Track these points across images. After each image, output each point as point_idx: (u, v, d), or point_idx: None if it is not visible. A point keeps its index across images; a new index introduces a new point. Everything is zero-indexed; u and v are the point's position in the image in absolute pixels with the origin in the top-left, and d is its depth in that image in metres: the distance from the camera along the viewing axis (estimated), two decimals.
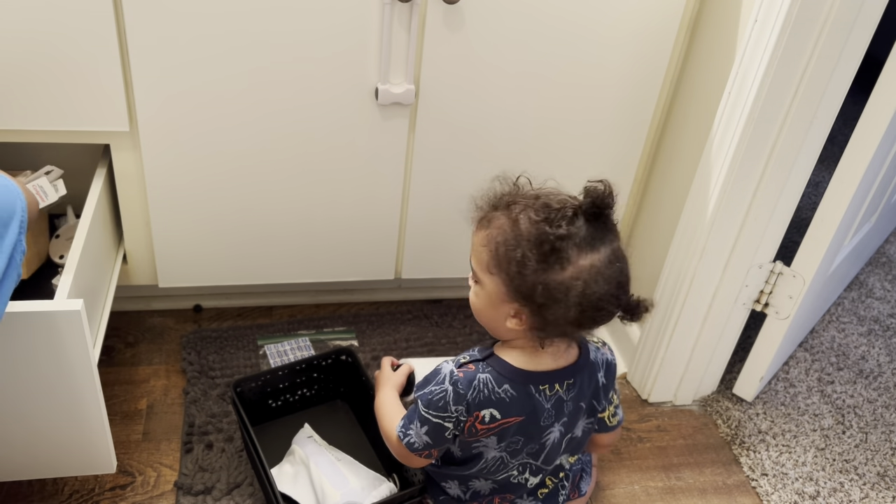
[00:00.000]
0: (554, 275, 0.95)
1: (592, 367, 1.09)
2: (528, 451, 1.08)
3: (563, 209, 0.96)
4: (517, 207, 0.98)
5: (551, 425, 1.07)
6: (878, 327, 1.84)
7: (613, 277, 0.97)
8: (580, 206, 0.97)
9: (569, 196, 0.99)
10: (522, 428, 1.05)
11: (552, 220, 0.95)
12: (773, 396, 1.60)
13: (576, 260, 0.95)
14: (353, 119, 1.30)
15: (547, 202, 0.97)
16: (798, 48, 1.15)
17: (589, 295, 0.95)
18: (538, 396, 1.04)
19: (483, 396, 1.02)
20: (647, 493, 1.37)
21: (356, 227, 1.44)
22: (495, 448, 1.07)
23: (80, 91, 1.17)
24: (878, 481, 1.45)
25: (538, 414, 1.05)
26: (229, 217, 1.37)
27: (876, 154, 1.31)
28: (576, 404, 1.08)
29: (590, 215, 0.96)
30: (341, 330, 1.58)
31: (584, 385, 1.08)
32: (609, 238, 0.98)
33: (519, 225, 0.96)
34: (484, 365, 1.04)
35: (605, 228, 0.98)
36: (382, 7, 1.19)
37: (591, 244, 0.96)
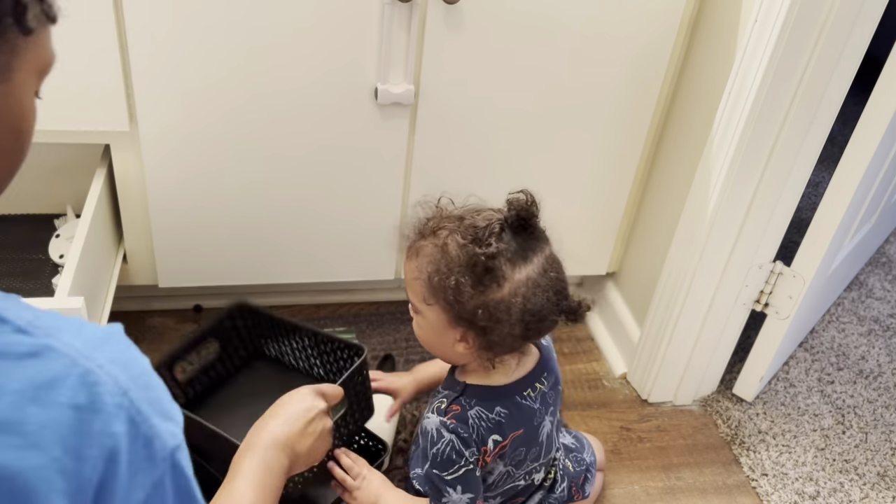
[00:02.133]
0: (492, 294, 0.93)
1: (549, 351, 1.11)
2: (531, 457, 1.09)
3: (490, 226, 0.94)
4: (443, 232, 0.96)
5: (543, 421, 1.08)
6: (878, 327, 1.84)
7: (550, 286, 0.96)
8: (505, 219, 0.95)
9: (492, 210, 0.98)
10: (523, 437, 1.05)
11: (480, 240, 0.93)
12: (773, 396, 1.60)
13: (511, 275, 0.93)
14: (353, 119, 1.30)
15: (472, 222, 0.95)
16: (798, 48, 1.15)
17: (530, 308, 0.94)
18: (526, 402, 1.04)
19: (484, 429, 1.01)
20: (647, 493, 1.36)
21: (356, 226, 1.44)
22: (501, 468, 1.07)
23: (80, 91, 1.17)
24: (878, 481, 1.45)
25: (531, 418, 1.05)
26: (229, 217, 1.37)
27: (876, 154, 1.31)
28: (554, 388, 1.10)
29: (516, 227, 0.95)
30: (341, 330, 1.58)
31: (553, 370, 1.10)
32: (539, 246, 0.97)
33: (448, 250, 0.94)
34: (466, 399, 1.02)
35: (534, 237, 0.97)
36: (382, 7, 1.19)
37: (523, 256, 0.94)
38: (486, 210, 0.98)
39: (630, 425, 1.49)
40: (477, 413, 1.01)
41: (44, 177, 1.43)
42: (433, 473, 1.00)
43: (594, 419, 1.49)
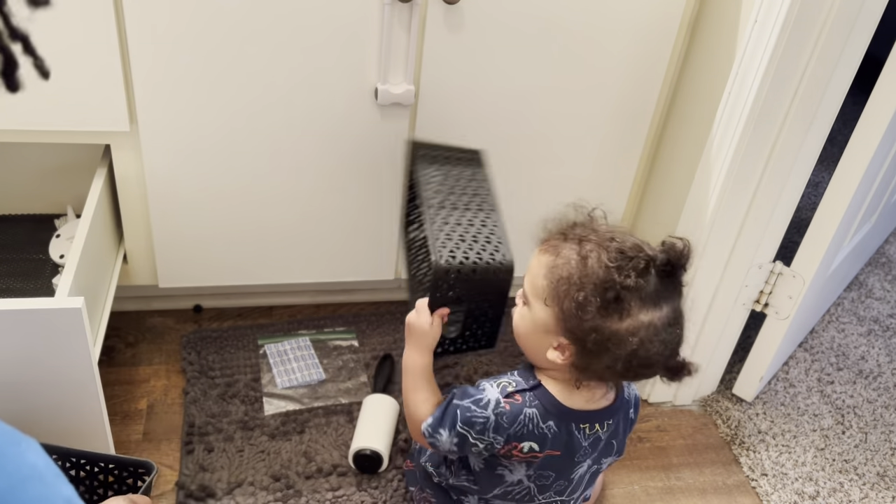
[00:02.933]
0: (611, 323, 0.91)
1: (626, 406, 1.08)
2: (557, 488, 1.07)
3: (637, 259, 0.91)
4: (589, 245, 0.94)
5: (583, 462, 1.05)
6: (877, 327, 1.85)
7: (669, 340, 0.94)
8: (654, 258, 0.92)
9: (642, 243, 0.95)
10: (556, 463, 1.03)
11: (622, 269, 0.91)
12: (773, 396, 1.60)
13: (636, 314, 0.91)
14: (353, 119, 1.30)
15: (621, 247, 0.92)
16: (798, 48, 1.15)
17: (641, 353, 0.92)
18: (577, 434, 1.02)
19: (527, 430, 0.99)
20: (647, 493, 1.37)
21: (356, 226, 1.44)
22: (521, 474, 1.04)
23: (80, 91, 1.17)
24: (878, 481, 1.45)
25: (574, 451, 1.03)
26: (229, 217, 1.37)
27: (876, 154, 1.31)
28: (608, 441, 1.06)
29: (662, 272, 0.92)
30: (341, 330, 1.58)
31: (619, 424, 1.07)
32: (674, 297, 0.94)
33: (587, 264, 0.92)
34: (531, 397, 1.00)
35: (673, 287, 0.94)
36: (382, 7, 1.19)
37: (655, 301, 0.92)
38: (636, 240, 0.94)
39: None
40: (531, 415, 0.99)
41: (44, 177, 1.43)
42: (458, 413, 1.00)
43: None
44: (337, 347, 1.54)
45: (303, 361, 1.49)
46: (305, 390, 1.45)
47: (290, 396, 1.43)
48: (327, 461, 1.32)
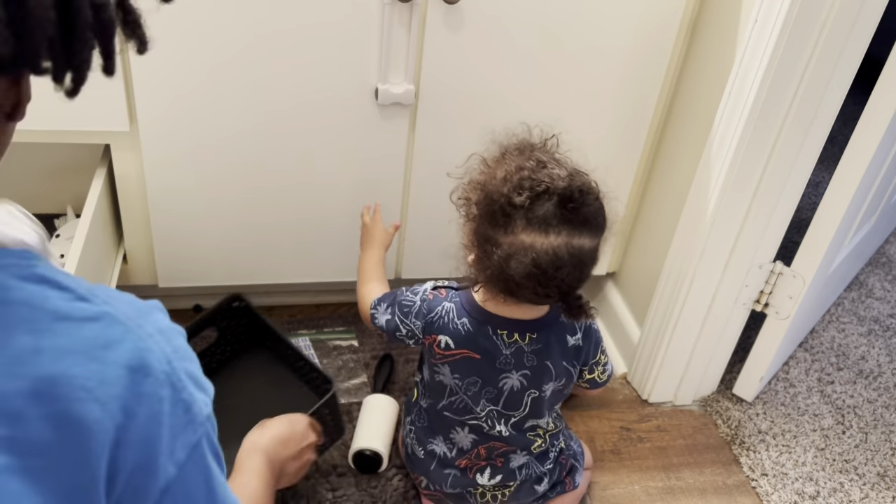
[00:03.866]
0: (496, 234, 0.96)
1: (561, 328, 1.10)
2: (487, 395, 1.10)
3: (538, 183, 0.94)
4: (510, 157, 0.98)
5: (509, 371, 1.08)
6: (878, 327, 1.84)
7: (544, 269, 0.94)
8: (555, 188, 0.94)
9: (570, 174, 0.97)
10: (479, 368, 1.08)
11: (520, 187, 0.94)
12: (773, 396, 1.60)
13: (518, 232, 0.94)
14: (353, 119, 1.30)
15: (534, 169, 0.95)
16: (798, 48, 1.15)
17: (510, 271, 0.95)
18: (496, 339, 1.06)
19: (442, 323, 1.08)
20: (647, 493, 1.37)
21: (356, 227, 1.44)
22: (451, 378, 1.10)
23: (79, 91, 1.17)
24: (878, 481, 1.45)
25: (495, 356, 1.07)
26: (229, 217, 1.37)
27: (876, 154, 1.31)
28: (540, 361, 1.09)
29: (559, 202, 0.94)
30: (341, 330, 1.58)
31: (550, 344, 1.09)
32: (573, 231, 0.95)
33: (496, 175, 0.97)
34: (454, 294, 1.09)
35: (575, 221, 0.95)
36: (382, 7, 1.19)
37: (543, 226, 0.94)
38: (564, 172, 0.96)
39: (630, 425, 1.49)
40: (448, 308, 1.09)
41: (44, 177, 1.43)
42: (397, 294, 1.14)
43: (594, 419, 1.49)
44: (337, 347, 1.54)
45: None
46: None
47: None
48: (327, 461, 1.32)
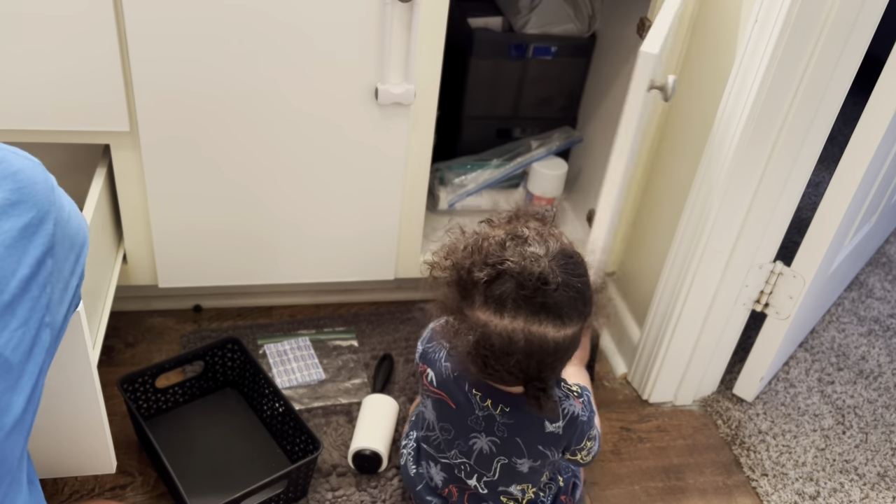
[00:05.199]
0: (459, 304, 0.94)
1: (540, 419, 1.03)
2: (459, 447, 1.08)
3: (500, 261, 0.90)
4: (493, 232, 0.95)
5: (479, 433, 1.05)
6: (878, 327, 1.84)
7: (497, 345, 0.91)
8: (511, 270, 0.90)
9: (548, 254, 0.92)
10: (453, 417, 1.06)
11: (483, 264, 0.91)
12: (774, 397, 1.60)
13: (475, 309, 0.92)
14: (353, 119, 1.30)
15: (501, 248, 0.91)
16: (798, 48, 1.15)
17: (469, 343, 0.93)
18: (469, 396, 1.04)
19: (433, 357, 1.07)
20: (647, 494, 1.36)
21: (356, 226, 1.44)
22: (431, 414, 1.09)
23: (80, 91, 1.17)
24: (879, 482, 1.45)
25: (466, 412, 1.04)
26: (229, 217, 1.37)
27: (876, 154, 1.31)
28: (510, 436, 1.04)
29: (517, 284, 0.90)
30: (341, 330, 1.58)
31: (523, 423, 1.03)
32: (530, 318, 0.89)
33: (467, 245, 0.95)
34: None
35: (535, 307, 0.89)
36: (382, 7, 1.19)
37: (498, 308, 0.90)
38: (542, 251, 0.91)
39: (630, 425, 1.49)
40: (438, 349, 1.08)
41: None
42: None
43: None
44: (337, 347, 1.54)
45: (302, 361, 1.49)
46: (305, 390, 1.45)
47: (290, 396, 1.43)
48: (326, 461, 1.32)
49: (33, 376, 0.74)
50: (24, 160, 0.77)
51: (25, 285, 0.73)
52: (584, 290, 0.93)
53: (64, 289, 0.80)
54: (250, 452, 1.31)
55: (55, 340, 0.80)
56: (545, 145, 1.69)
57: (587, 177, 1.72)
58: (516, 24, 1.63)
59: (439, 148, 1.52)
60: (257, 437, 1.34)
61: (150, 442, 1.21)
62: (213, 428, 1.35)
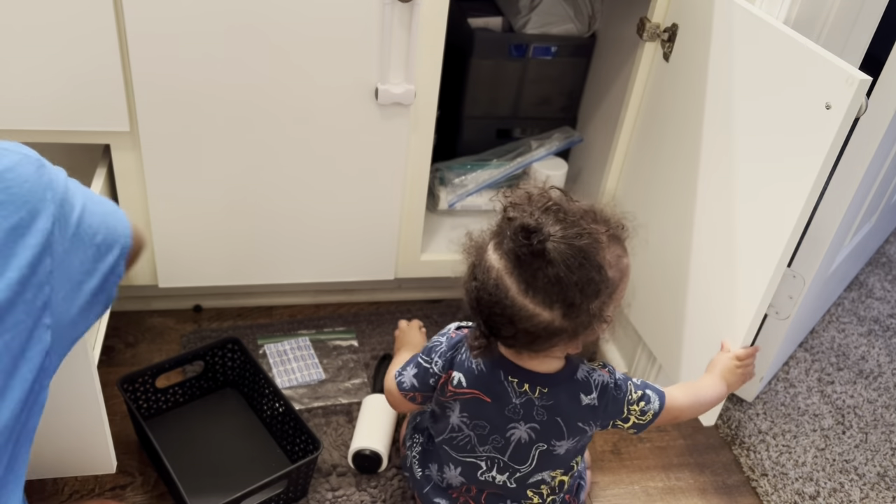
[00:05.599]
0: (482, 241, 0.98)
1: (576, 386, 1.05)
2: (494, 444, 1.08)
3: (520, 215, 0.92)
4: (554, 198, 0.96)
5: (517, 421, 1.06)
6: (878, 327, 1.84)
7: (478, 277, 0.95)
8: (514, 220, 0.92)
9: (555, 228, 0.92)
10: (488, 412, 1.06)
11: (522, 209, 0.94)
12: (773, 397, 1.60)
13: (487, 240, 0.96)
14: (353, 119, 1.30)
15: (542, 212, 0.93)
16: None
17: (468, 271, 0.97)
18: (506, 385, 1.04)
19: (459, 360, 1.07)
20: (647, 494, 1.37)
21: (356, 226, 1.44)
22: (458, 417, 1.08)
23: (80, 91, 1.17)
24: (878, 482, 1.45)
25: (503, 403, 1.05)
26: (229, 217, 1.37)
27: (876, 154, 1.31)
28: (550, 417, 1.05)
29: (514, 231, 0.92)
30: (341, 330, 1.58)
31: (561, 401, 1.05)
32: (509, 267, 0.92)
33: (531, 197, 0.96)
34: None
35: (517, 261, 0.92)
36: (382, 7, 1.19)
37: (498, 247, 0.94)
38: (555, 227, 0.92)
39: None
40: (464, 350, 1.08)
41: None
42: (416, 354, 1.15)
43: None
44: (337, 347, 1.54)
45: (302, 361, 1.49)
46: (305, 390, 1.45)
47: (290, 396, 1.43)
48: (326, 461, 1.32)
49: (26, 381, 0.71)
50: (15, 155, 0.72)
51: (15, 288, 0.70)
52: (567, 283, 0.91)
53: (74, 288, 0.78)
54: (250, 452, 1.31)
55: (62, 341, 0.77)
56: (545, 145, 1.69)
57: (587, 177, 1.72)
58: (516, 24, 1.63)
59: (439, 148, 1.52)
60: (257, 437, 1.34)
61: (151, 442, 1.21)
62: (214, 428, 1.35)
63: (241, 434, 1.34)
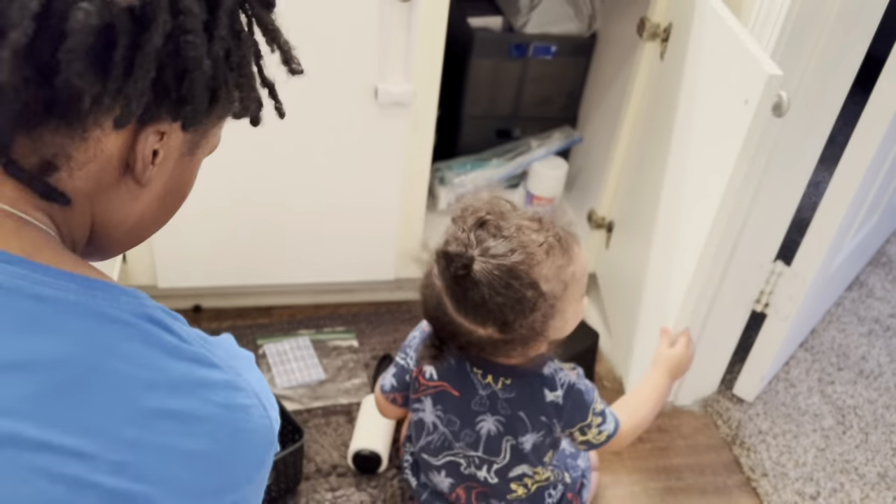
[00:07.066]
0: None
1: (540, 381, 1.05)
2: (466, 440, 1.08)
3: (458, 232, 0.93)
4: (482, 209, 0.97)
5: (483, 414, 1.06)
6: (878, 327, 1.84)
7: (426, 298, 0.97)
8: (452, 243, 0.93)
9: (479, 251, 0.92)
10: (457, 406, 1.06)
11: (456, 220, 0.95)
12: (774, 397, 1.60)
13: (433, 268, 0.96)
14: (353, 118, 1.30)
15: (474, 227, 0.93)
16: (799, 48, 1.15)
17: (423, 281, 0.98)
18: (472, 377, 1.05)
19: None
20: (648, 494, 1.36)
21: (356, 226, 1.44)
22: (432, 413, 1.08)
23: None
24: (879, 482, 1.45)
25: (470, 395, 1.05)
26: (229, 217, 1.37)
27: (877, 154, 1.30)
28: (513, 411, 1.05)
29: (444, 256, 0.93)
30: (341, 330, 1.58)
31: (524, 394, 1.04)
32: (445, 290, 0.94)
33: (467, 211, 0.98)
34: None
35: (452, 283, 0.92)
36: (382, 7, 1.19)
37: (438, 266, 0.94)
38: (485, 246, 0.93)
39: None
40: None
41: None
42: (397, 357, 1.15)
43: None
44: (336, 347, 1.54)
45: (302, 361, 1.49)
46: (305, 390, 1.45)
47: (290, 397, 1.42)
48: (326, 461, 1.32)
49: None
50: (264, 420, 0.57)
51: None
52: (492, 304, 0.91)
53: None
54: None
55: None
56: (545, 145, 1.69)
57: (587, 177, 1.72)
58: (516, 23, 1.63)
59: (439, 148, 1.52)
60: None
61: None
62: None
63: None
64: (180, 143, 0.55)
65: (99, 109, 0.48)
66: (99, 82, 0.47)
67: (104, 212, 0.57)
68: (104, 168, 0.52)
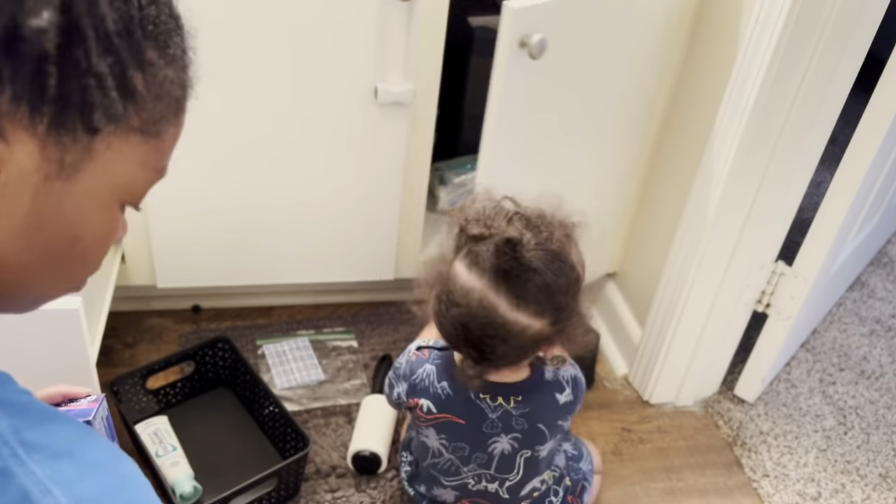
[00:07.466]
0: (453, 258, 0.94)
1: (548, 387, 1.05)
2: (478, 461, 1.07)
3: (489, 230, 0.92)
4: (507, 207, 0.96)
5: (497, 435, 1.04)
6: (879, 328, 1.84)
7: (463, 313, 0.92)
8: (494, 237, 0.91)
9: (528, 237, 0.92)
10: (464, 433, 1.04)
11: (484, 224, 0.93)
12: (775, 397, 1.59)
13: (458, 260, 0.93)
14: (353, 118, 1.30)
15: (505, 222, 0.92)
16: (799, 48, 1.15)
17: (443, 305, 0.93)
18: (479, 403, 1.02)
19: (423, 386, 1.04)
20: (648, 494, 1.36)
21: (355, 226, 1.44)
22: (437, 440, 1.07)
23: None
24: (880, 482, 1.44)
25: (479, 421, 1.03)
26: (228, 217, 1.37)
27: (878, 154, 1.30)
28: (531, 424, 1.04)
29: (496, 248, 0.91)
30: (340, 330, 1.58)
31: (537, 406, 1.04)
32: (491, 284, 0.90)
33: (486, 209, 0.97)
34: (436, 356, 1.05)
35: (501, 276, 0.90)
36: (382, 6, 1.19)
37: (471, 263, 0.92)
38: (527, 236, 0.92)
39: (631, 426, 1.48)
40: (429, 371, 1.05)
41: None
42: (391, 374, 1.10)
43: (595, 420, 1.48)
44: (336, 348, 1.54)
45: (302, 362, 1.49)
46: (304, 391, 1.44)
47: (289, 397, 1.42)
48: (326, 462, 1.32)
49: None
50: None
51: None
52: (555, 288, 0.91)
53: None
54: (242, 452, 1.31)
55: None
56: None
57: None
58: None
59: (439, 147, 1.51)
60: (250, 436, 1.33)
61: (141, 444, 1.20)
62: (206, 427, 1.34)
63: (233, 434, 1.34)
64: (35, 160, 0.41)
65: None
66: None
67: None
68: None
